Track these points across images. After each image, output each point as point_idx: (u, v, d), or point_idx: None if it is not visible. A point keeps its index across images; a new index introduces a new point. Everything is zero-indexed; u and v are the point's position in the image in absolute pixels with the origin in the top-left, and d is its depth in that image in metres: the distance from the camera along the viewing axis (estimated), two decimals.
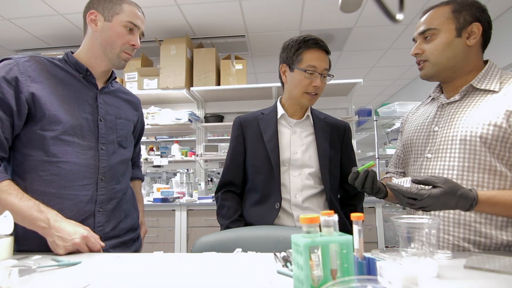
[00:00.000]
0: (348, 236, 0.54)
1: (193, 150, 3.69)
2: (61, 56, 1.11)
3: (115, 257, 0.87)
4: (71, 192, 1.00)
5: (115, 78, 1.21)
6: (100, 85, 1.13)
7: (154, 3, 2.94)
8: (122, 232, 1.14)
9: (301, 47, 1.24)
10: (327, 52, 1.27)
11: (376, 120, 3.42)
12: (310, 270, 0.52)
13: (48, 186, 0.98)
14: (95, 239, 0.95)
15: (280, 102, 1.38)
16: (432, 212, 0.98)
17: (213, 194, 2.40)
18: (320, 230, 0.57)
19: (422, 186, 0.84)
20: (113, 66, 1.13)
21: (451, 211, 0.94)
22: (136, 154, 1.43)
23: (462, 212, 0.93)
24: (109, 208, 1.09)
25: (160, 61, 3.41)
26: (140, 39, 1.14)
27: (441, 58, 0.98)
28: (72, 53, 1.12)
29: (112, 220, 1.10)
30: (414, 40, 1.06)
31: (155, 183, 3.89)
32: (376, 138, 3.45)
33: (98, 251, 0.94)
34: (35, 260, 0.82)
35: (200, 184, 3.51)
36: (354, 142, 3.50)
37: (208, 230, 2.77)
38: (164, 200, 2.89)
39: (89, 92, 1.09)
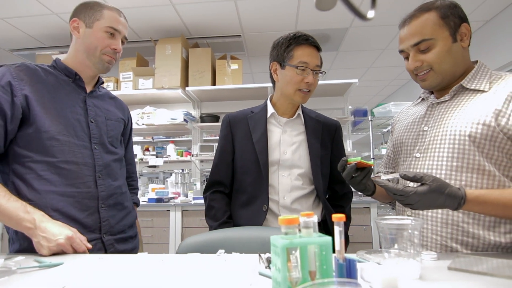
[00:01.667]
0: (327, 238, 0.54)
1: (189, 150, 3.68)
2: (50, 63, 1.14)
3: (97, 258, 0.86)
4: (73, 189, 1.03)
5: (102, 83, 1.25)
6: (88, 89, 1.16)
7: (149, 3, 2.93)
8: (125, 227, 1.17)
9: (292, 44, 1.22)
10: (318, 48, 1.25)
11: (371, 121, 3.41)
12: (287, 272, 0.51)
13: (50, 185, 1.00)
14: (81, 240, 0.94)
15: (271, 101, 1.36)
16: (420, 212, 0.97)
17: None
18: (300, 231, 0.56)
19: (412, 183, 0.82)
20: (98, 71, 1.16)
21: (439, 210, 0.94)
22: (133, 173, 1.39)
23: (450, 212, 0.92)
24: (111, 204, 1.12)
25: (155, 61, 3.39)
26: (123, 43, 1.17)
27: (445, 66, 0.97)
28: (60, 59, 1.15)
29: (116, 215, 1.13)
30: (402, 52, 1.02)
31: (152, 183, 3.88)
32: (371, 138, 3.45)
33: (84, 252, 0.93)
34: (16, 261, 0.80)
35: (195, 185, 3.49)
36: (349, 142, 3.50)
37: (203, 230, 2.73)
38: (158, 200, 2.88)
39: (79, 95, 1.13)
